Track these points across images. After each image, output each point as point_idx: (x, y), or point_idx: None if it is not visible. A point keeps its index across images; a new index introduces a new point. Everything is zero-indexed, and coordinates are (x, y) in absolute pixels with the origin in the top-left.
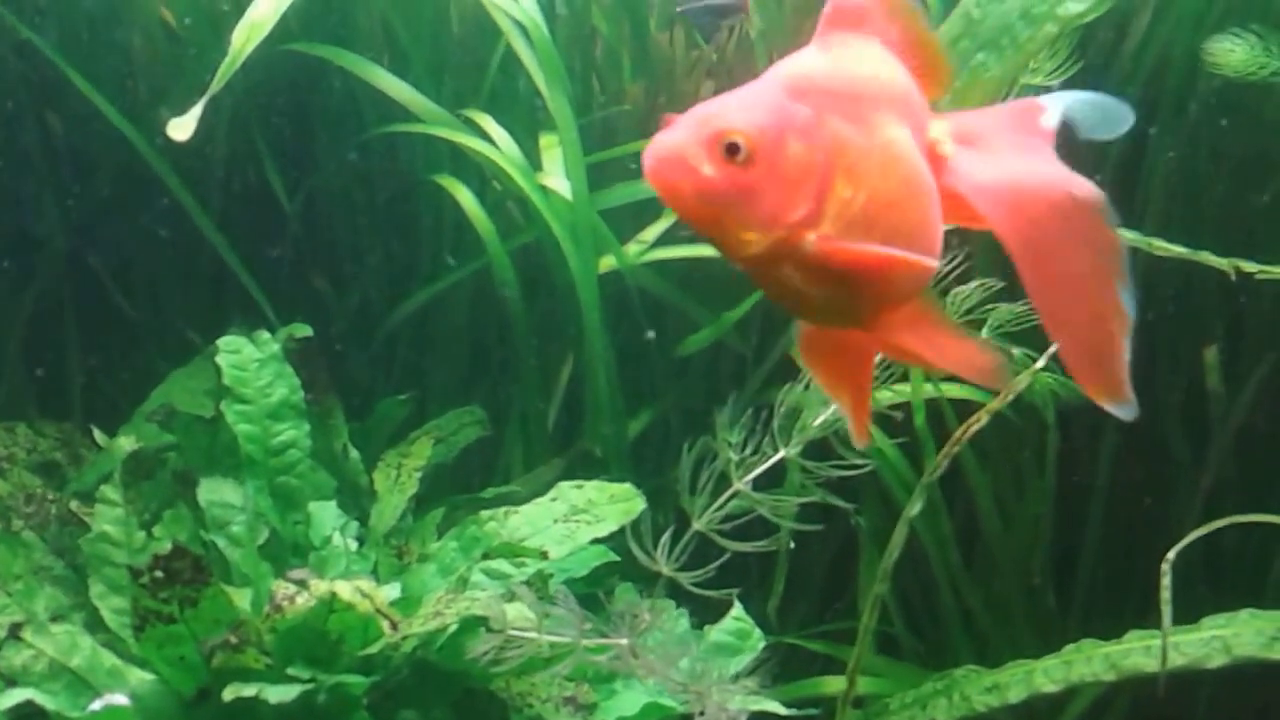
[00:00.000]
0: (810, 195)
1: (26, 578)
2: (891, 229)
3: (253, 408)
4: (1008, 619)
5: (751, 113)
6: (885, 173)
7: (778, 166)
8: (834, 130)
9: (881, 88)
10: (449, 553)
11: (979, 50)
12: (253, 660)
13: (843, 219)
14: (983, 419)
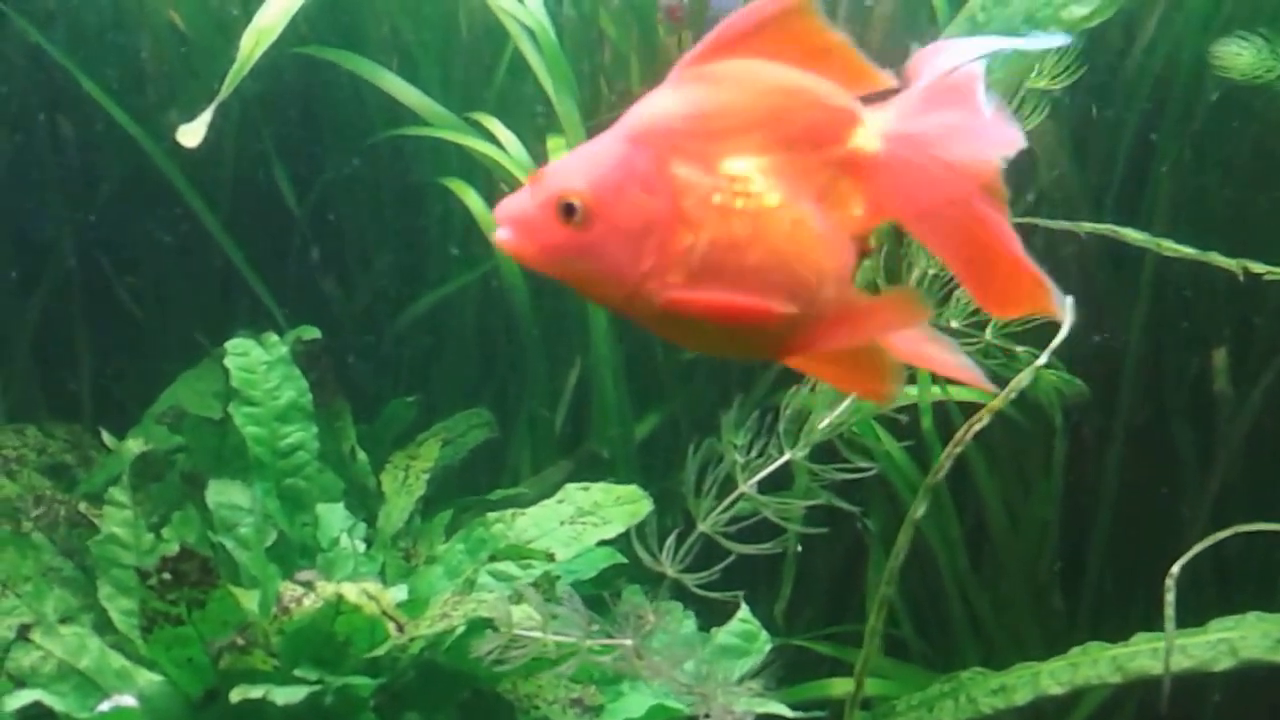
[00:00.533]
0: (653, 248)
1: (35, 579)
2: (740, 271)
3: (261, 410)
4: (1015, 622)
5: (587, 171)
6: (727, 215)
7: (617, 223)
8: (675, 177)
9: (740, 119)
10: (456, 555)
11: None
12: (260, 662)
13: (686, 267)
14: (984, 418)
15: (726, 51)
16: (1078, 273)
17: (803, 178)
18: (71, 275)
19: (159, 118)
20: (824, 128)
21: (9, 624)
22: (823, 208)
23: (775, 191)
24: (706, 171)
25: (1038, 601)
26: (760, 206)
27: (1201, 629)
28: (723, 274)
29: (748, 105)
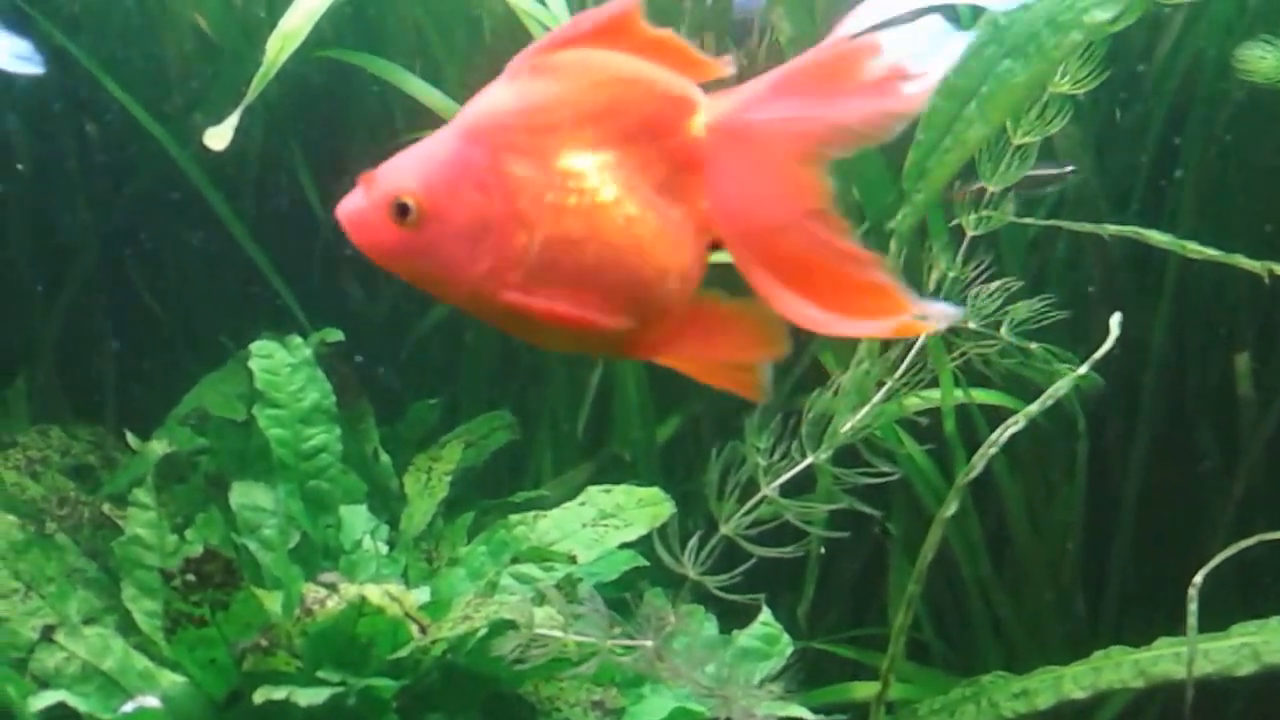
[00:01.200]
0: (489, 248)
1: (59, 580)
2: (578, 269)
3: (285, 412)
4: (1037, 625)
5: (420, 171)
6: (562, 212)
7: (451, 223)
8: (509, 175)
9: (575, 112)
10: (478, 557)
11: (1005, 57)
12: (283, 663)
13: (524, 266)
14: (1020, 422)
15: (565, 48)
16: (1101, 275)
17: (642, 171)
18: (95, 278)
19: (183, 121)
20: (661, 118)
21: (33, 625)
22: (665, 201)
23: (612, 187)
24: (541, 168)
25: (1060, 605)
26: (596, 203)
27: (1224, 634)
28: (560, 273)
29: (582, 98)
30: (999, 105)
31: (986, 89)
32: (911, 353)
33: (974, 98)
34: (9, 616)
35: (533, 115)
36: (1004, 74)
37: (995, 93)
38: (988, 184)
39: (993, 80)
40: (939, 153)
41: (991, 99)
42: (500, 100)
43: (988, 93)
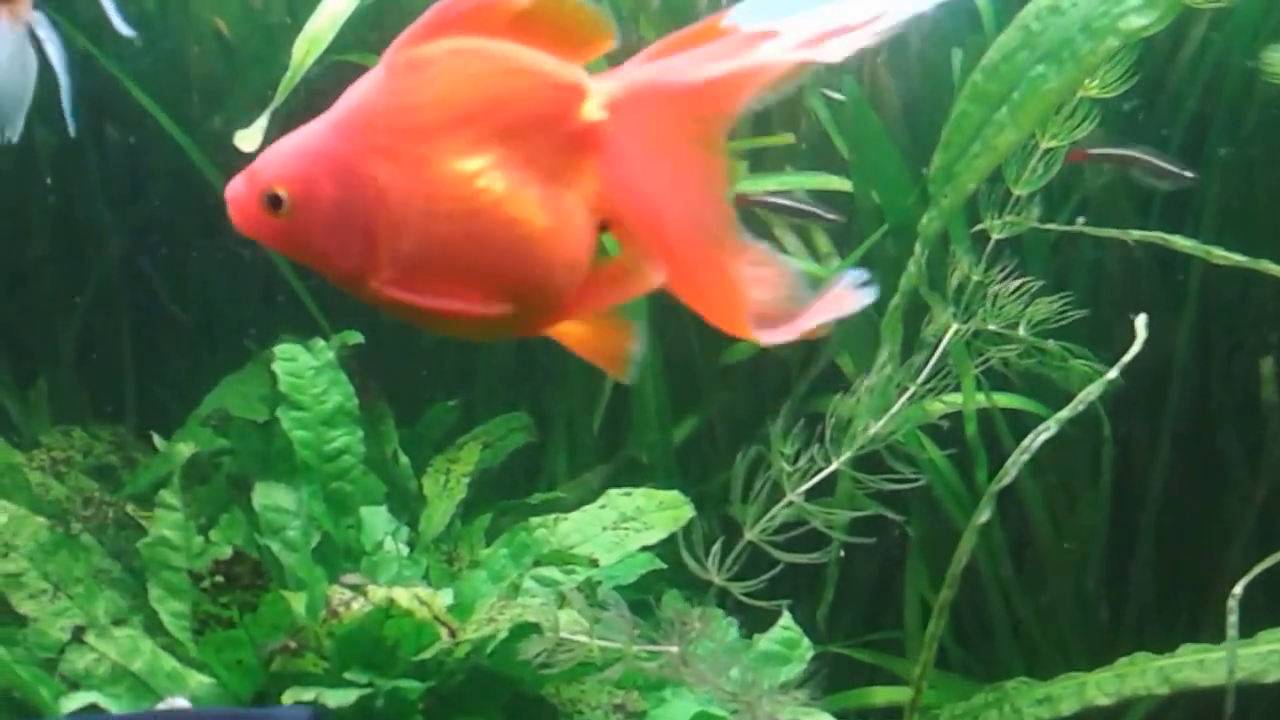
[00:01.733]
0: (358, 244)
1: (87, 581)
2: (455, 269)
3: (308, 414)
4: (1058, 630)
5: (290, 163)
6: (436, 215)
7: (319, 217)
8: (376, 177)
9: (452, 111)
10: (499, 559)
11: (1038, 62)
12: (311, 665)
13: (398, 264)
14: (1051, 427)
15: (440, 34)
16: (1124, 280)
17: (526, 165)
18: (116, 279)
19: (204, 124)
20: (546, 107)
21: (61, 625)
22: (554, 190)
23: (493, 187)
24: (413, 171)
25: (1082, 610)
26: (476, 206)
27: (1251, 640)
28: (439, 270)
29: (457, 97)
30: (1031, 111)
31: (1018, 95)
32: (935, 356)
33: (1004, 103)
34: (38, 617)
35: (405, 116)
36: (1036, 80)
37: (1027, 99)
38: (1013, 188)
39: (1025, 86)
40: (967, 158)
41: (1023, 105)
42: (373, 97)
43: (1019, 99)
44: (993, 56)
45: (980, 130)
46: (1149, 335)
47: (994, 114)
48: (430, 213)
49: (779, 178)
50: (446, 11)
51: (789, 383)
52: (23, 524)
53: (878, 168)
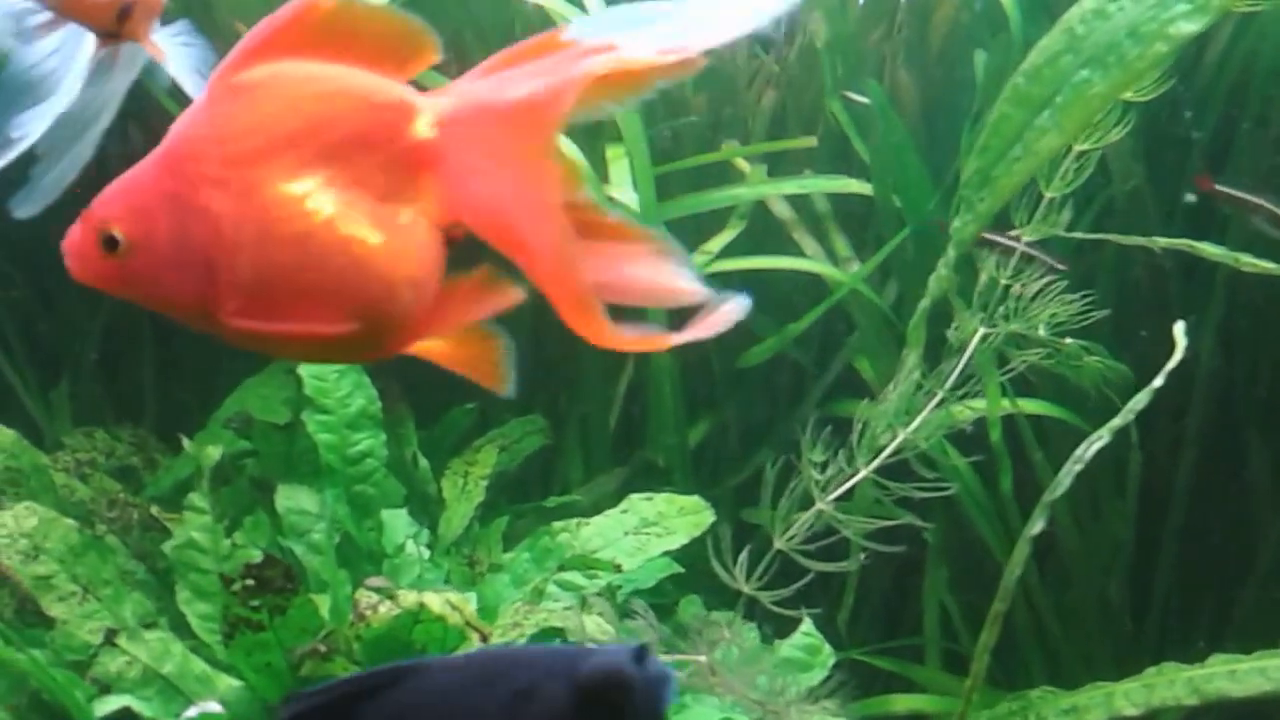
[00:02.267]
0: (197, 276)
1: (115, 583)
2: (298, 292)
3: (332, 417)
4: (1083, 638)
5: (124, 201)
6: (269, 241)
7: (157, 253)
8: (208, 208)
9: (278, 136)
10: (522, 563)
11: (1083, 67)
12: (341, 669)
13: (240, 294)
14: (1104, 437)
15: (261, 57)
16: (1150, 284)
17: (357, 184)
18: None
19: None
20: (375, 128)
21: (90, 628)
22: (390, 207)
23: (323, 209)
24: (243, 199)
25: (1106, 617)
26: (307, 228)
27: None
28: (280, 297)
29: (282, 122)
30: (1075, 115)
31: (1061, 98)
32: (963, 361)
33: (1047, 106)
34: (67, 619)
35: (230, 144)
36: (1080, 84)
37: (1071, 103)
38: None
39: (1068, 90)
40: (1006, 161)
41: (1067, 109)
42: (199, 128)
43: (1063, 102)
44: (1035, 60)
45: (1021, 134)
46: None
47: (1035, 118)
48: (264, 238)
49: (798, 181)
50: (263, 36)
51: (802, 386)
52: (52, 526)
53: (900, 171)
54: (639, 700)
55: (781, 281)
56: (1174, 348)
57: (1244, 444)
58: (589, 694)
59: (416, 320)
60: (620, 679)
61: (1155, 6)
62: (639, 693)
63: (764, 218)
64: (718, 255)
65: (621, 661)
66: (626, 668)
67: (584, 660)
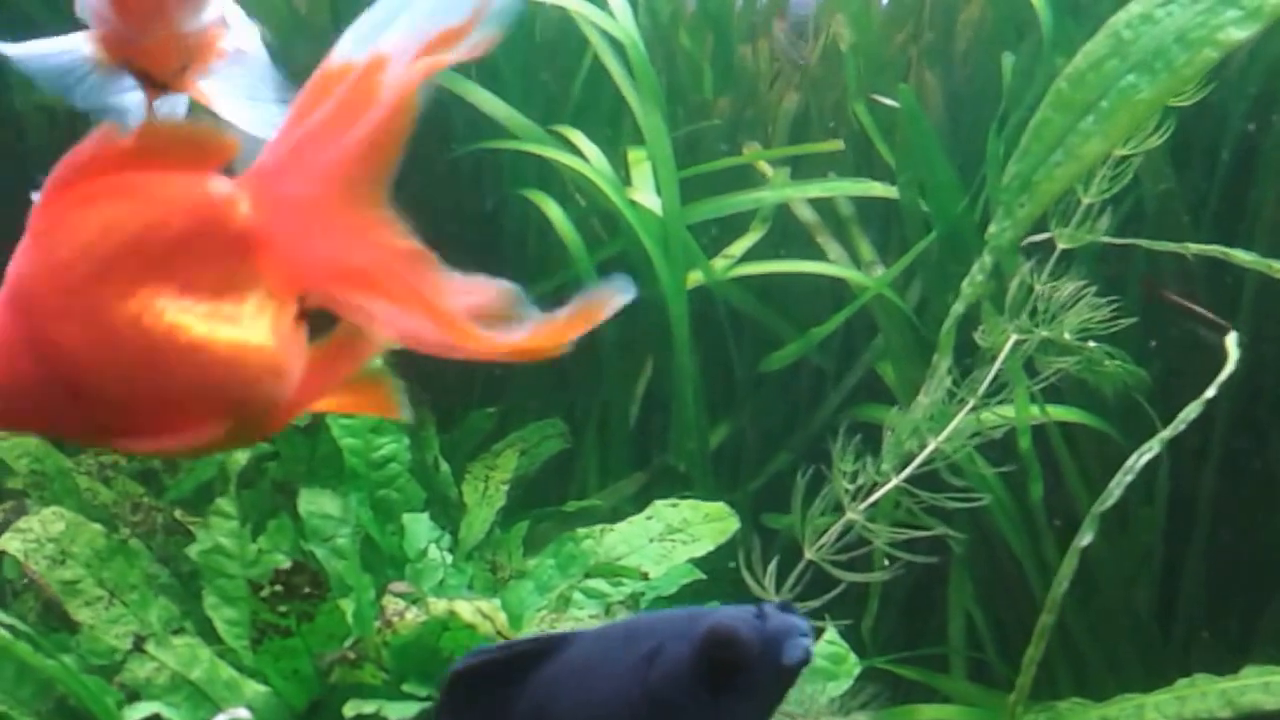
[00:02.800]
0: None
1: (141, 588)
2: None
3: (356, 422)
4: (1110, 647)
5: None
6: (120, 362)
7: (27, 397)
8: (61, 340)
9: (102, 255)
10: (546, 570)
11: (1129, 72)
12: (369, 676)
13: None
14: (1154, 448)
15: (69, 188)
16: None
17: (194, 288)
18: None
19: None
20: (196, 226)
21: (116, 633)
22: (230, 301)
23: (161, 319)
24: (88, 325)
25: (1134, 627)
26: (154, 341)
27: None
28: (150, 415)
29: (109, 240)
30: (1120, 121)
31: (1107, 104)
32: (995, 369)
33: (1091, 111)
34: (94, 624)
35: (63, 275)
36: (1127, 89)
37: (1116, 108)
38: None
39: (1114, 95)
40: (1048, 166)
41: (1112, 114)
42: (30, 265)
43: (1108, 108)
44: (1079, 64)
45: (1063, 138)
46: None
47: (1079, 122)
48: (118, 361)
49: (822, 184)
50: (68, 168)
51: (822, 390)
52: (79, 531)
53: (928, 174)
54: (755, 657)
55: (803, 285)
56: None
57: (1272, 451)
58: (706, 652)
59: (289, 399)
60: (733, 636)
61: (1205, 12)
62: (755, 649)
63: (787, 221)
64: (740, 259)
65: (739, 619)
66: (742, 625)
67: (705, 619)
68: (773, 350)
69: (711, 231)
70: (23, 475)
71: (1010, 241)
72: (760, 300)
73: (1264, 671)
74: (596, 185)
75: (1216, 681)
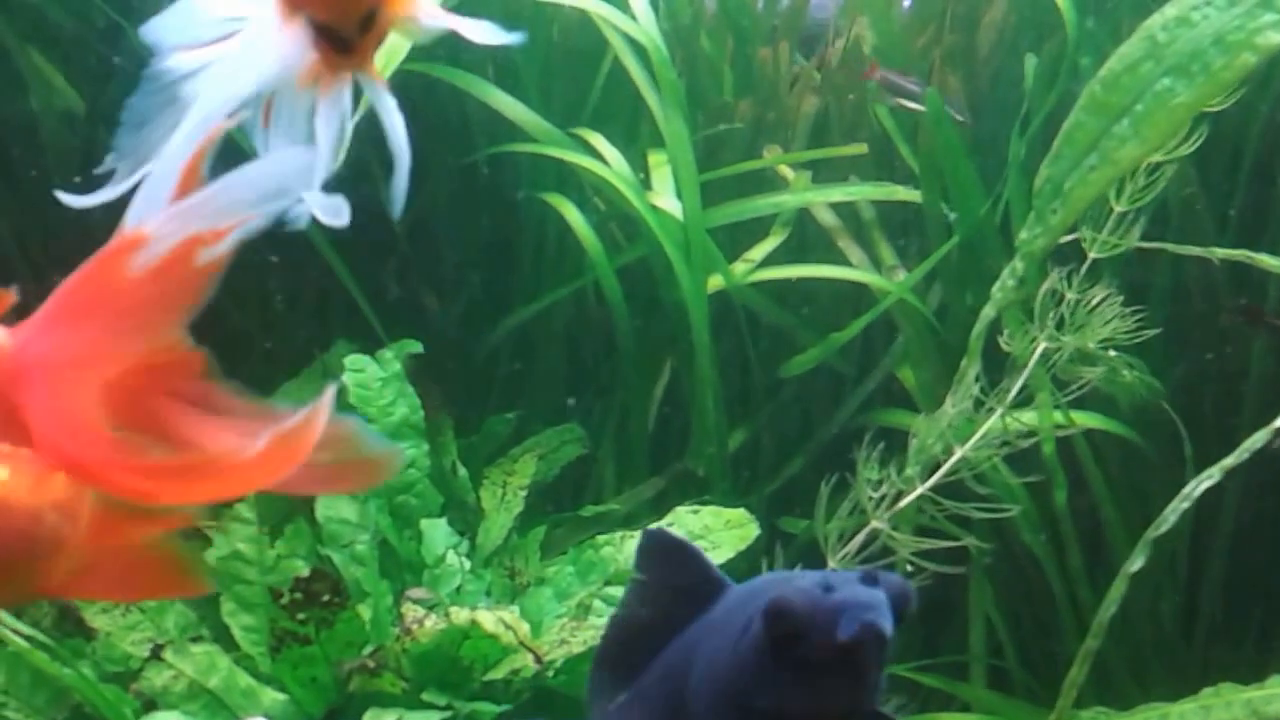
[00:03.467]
0: None
1: None
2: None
3: (376, 426)
4: (1133, 655)
5: None
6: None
7: None
8: None
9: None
10: (565, 577)
11: (1165, 75)
12: (389, 684)
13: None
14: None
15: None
16: (1200, 293)
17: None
18: None
19: None
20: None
21: (133, 639)
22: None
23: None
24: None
25: (1157, 634)
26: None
27: None
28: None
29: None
30: (1157, 125)
31: (1142, 107)
32: (1023, 378)
33: (1126, 115)
34: (110, 631)
35: None
36: (1162, 93)
37: (1152, 112)
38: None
39: (1149, 99)
40: (1081, 170)
41: (1148, 118)
42: None
43: (1143, 111)
44: (1114, 67)
45: (1097, 142)
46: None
47: (1113, 126)
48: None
49: (844, 188)
50: None
51: (840, 394)
52: None
53: (951, 178)
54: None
55: (824, 290)
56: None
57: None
58: (765, 624)
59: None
60: (785, 610)
61: (1243, 15)
62: (808, 623)
63: (807, 225)
64: (760, 264)
65: (801, 592)
66: (800, 599)
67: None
68: (791, 355)
69: (733, 235)
70: None
71: (1042, 249)
72: (780, 305)
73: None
74: (616, 189)
75: (1242, 691)
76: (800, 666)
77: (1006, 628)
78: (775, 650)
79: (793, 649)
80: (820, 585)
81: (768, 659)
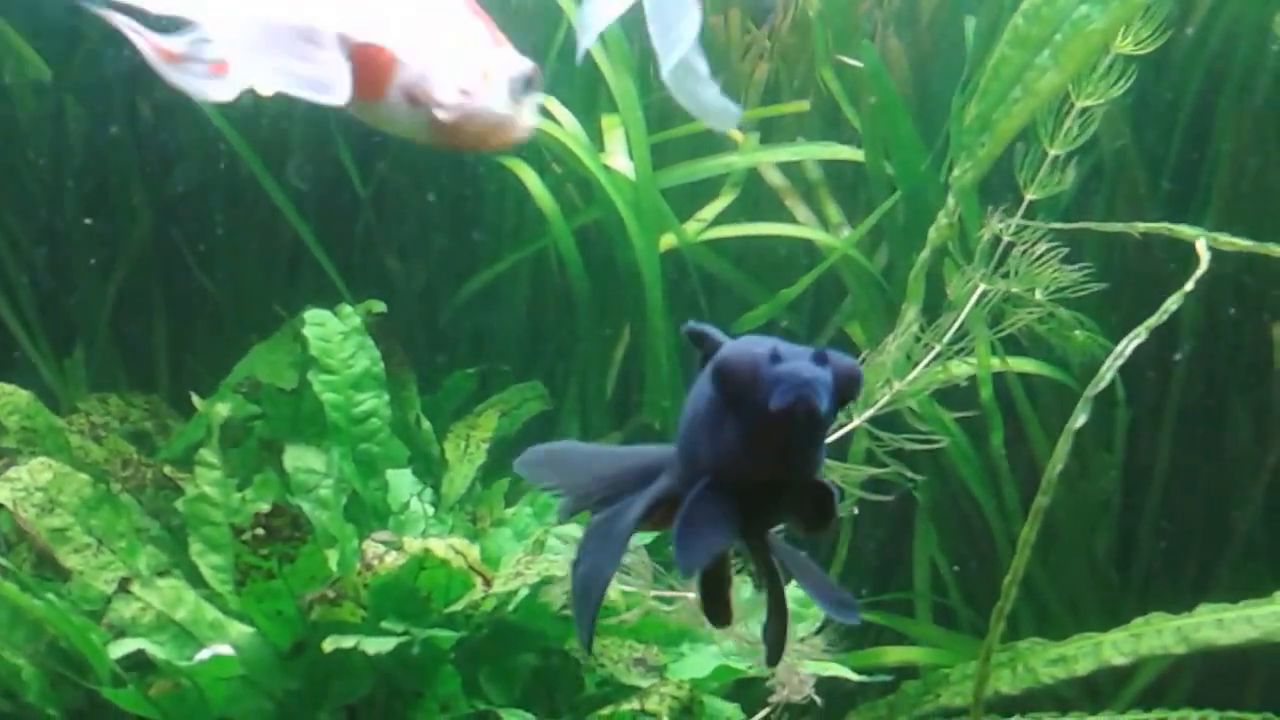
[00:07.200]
0: None
1: (129, 536)
2: None
3: (337, 378)
4: (1069, 590)
5: None
6: None
7: None
8: None
9: None
10: (523, 518)
11: (1082, 3)
12: (349, 614)
13: None
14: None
15: None
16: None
17: None
18: (149, 252)
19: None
20: None
21: (105, 578)
22: None
23: None
24: None
25: (1093, 571)
26: None
27: (1269, 599)
28: None
29: None
30: (1074, 53)
31: (1060, 36)
32: (960, 317)
33: (1046, 45)
34: (83, 570)
35: None
36: (1080, 21)
37: (1070, 40)
38: (1049, 147)
39: (1068, 28)
40: (1007, 104)
41: (1066, 47)
42: None
43: (1062, 40)
44: (1034, 0)
45: (1020, 75)
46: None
47: (1035, 58)
48: None
49: (790, 148)
50: None
51: None
52: (67, 481)
53: (892, 135)
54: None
55: (775, 248)
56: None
57: (1227, 398)
58: (712, 378)
59: None
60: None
61: None
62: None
63: (758, 185)
64: (711, 223)
65: (744, 354)
66: (742, 360)
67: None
68: (745, 312)
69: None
70: (14, 432)
71: (972, 181)
72: (734, 265)
73: (1217, 609)
74: (572, 151)
75: (1171, 619)
76: (739, 429)
77: (949, 567)
78: (722, 407)
79: (737, 409)
80: (770, 354)
81: (715, 416)
